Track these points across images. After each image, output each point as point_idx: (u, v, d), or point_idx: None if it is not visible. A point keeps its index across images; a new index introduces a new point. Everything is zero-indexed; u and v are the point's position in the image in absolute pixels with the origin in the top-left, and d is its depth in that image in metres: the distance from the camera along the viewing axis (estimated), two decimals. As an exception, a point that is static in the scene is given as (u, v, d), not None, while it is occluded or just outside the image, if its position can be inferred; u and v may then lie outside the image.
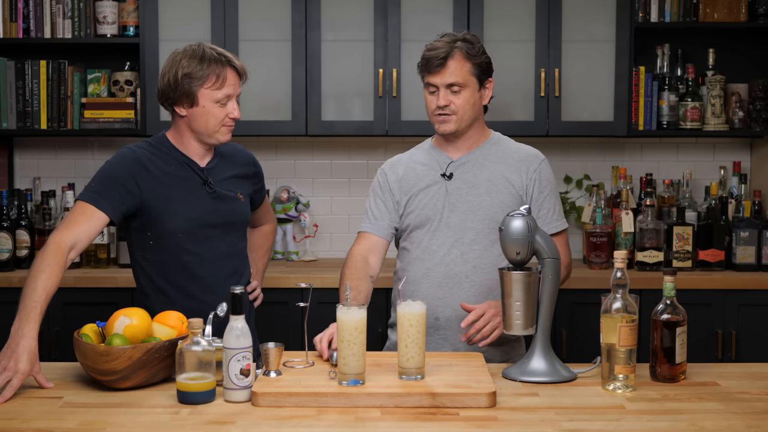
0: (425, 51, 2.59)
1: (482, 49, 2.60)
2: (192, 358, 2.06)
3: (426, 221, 2.62)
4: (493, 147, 2.66)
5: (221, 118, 2.50)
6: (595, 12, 3.84)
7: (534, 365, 2.28)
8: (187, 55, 2.48)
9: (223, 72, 2.48)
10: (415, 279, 2.61)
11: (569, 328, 3.65)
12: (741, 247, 3.81)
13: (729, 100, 3.98)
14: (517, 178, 2.62)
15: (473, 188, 2.61)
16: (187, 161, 2.55)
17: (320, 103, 3.84)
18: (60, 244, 2.33)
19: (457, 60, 2.55)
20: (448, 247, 2.60)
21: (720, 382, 2.26)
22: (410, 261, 2.64)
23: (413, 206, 2.64)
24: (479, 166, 2.63)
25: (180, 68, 2.47)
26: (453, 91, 2.56)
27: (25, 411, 2.02)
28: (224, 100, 2.49)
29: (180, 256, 2.54)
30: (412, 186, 2.65)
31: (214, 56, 2.48)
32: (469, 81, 2.56)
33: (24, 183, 4.15)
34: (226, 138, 2.56)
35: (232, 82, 2.50)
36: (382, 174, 2.72)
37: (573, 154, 4.18)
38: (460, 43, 2.56)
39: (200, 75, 2.46)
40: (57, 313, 3.55)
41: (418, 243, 2.63)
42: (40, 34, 3.87)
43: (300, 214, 4.10)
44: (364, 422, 1.96)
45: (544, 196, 2.63)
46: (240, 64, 2.53)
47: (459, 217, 2.60)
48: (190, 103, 2.49)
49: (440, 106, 2.57)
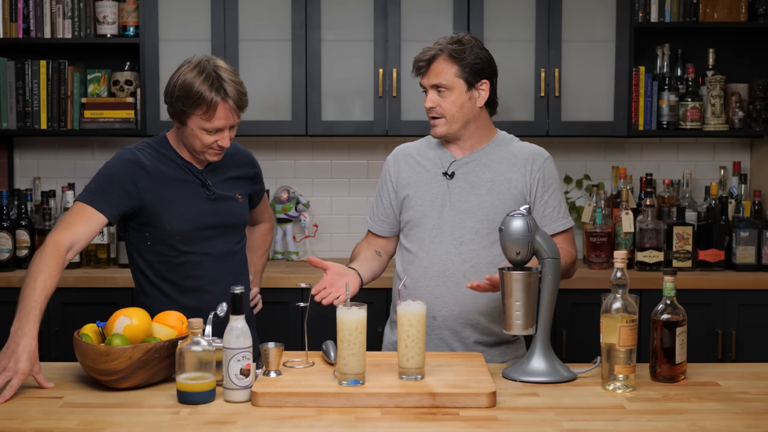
0: (418, 53, 2.61)
1: (475, 52, 2.55)
2: (192, 358, 2.06)
3: (425, 218, 2.62)
4: (497, 147, 2.65)
5: (208, 143, 2.47)
6: (595, 12, 3.84)
7: (534, 365, 2.28)
8: (189, 73, 2.42)
9: (214, 103, 2.39)
10: (413, 277, 2.61)
11: (569, 328, 3.65)
12: (741, 247, 3.81)
13: (729, 100, 3.98)
14: (519, 178, 2.61)
15: (474, 188, 2.60)
16: (185, 163, 2.55)
17: (320, 103, 3.84)
18: (58, 245, 2.33)
19: (440, 63, 2.54)
20: (446, 246, 2.59)
21: (720, 382, 2.26)
22: (409, 259, 2.65)
23: (412, 203, 2.64)
24: (482, 166, 2.62)
25: (177, 85, 2.43)
26: (439, 92, 2.56)
27: (25, 411, 2.02)
28: (213, 130, 2.44)
29: (178, 256, 2.53)
30: (412, 182, 2.65)
31: (212, 83, 2.39)
32: (455, 83, 2.54)
33: (24, 183, 4.15)
34: (215, 159, 2.52)
35: (223, 115, 2.42)
36: (386, 165, 2.74)
37: (573, 154, 4.18)
38: (448, 46, 2.55)
39: (190, 102, 2.41)
40: (57, 313, 3.55)
41: (417, 240, 2.63)
42: (40, 34, 3.87)
43: (300, 214, 4.10)
44: (364, 422, 1.96)
45: (548, 195, 2.62)
46: (237, 97, 2.42)
47: (459, 217, 2.59)
48: (181, 123, 2.48)
49: (426, 107, 2.59)
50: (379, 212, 2.72)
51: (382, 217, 2.72)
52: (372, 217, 2.75)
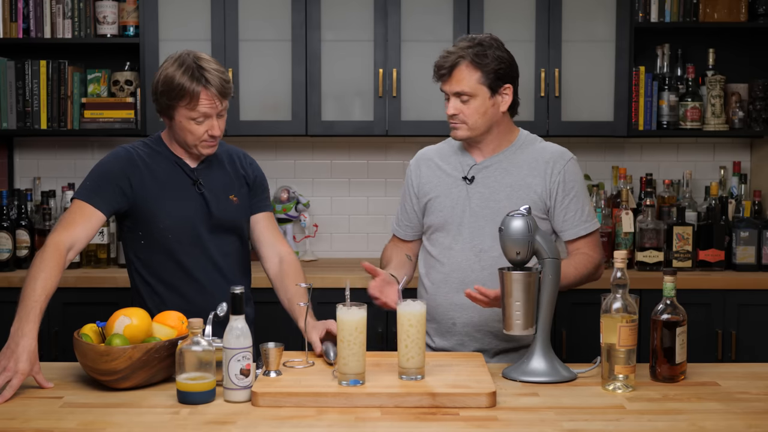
0: (438, 58, 2.55)
1: (497, 55, 2.50)
2: (192, 358, 2.06)
3: (446, 224, 2.60)
4: (518, 150, 2.60)
5: (199, 134, 2.47)
6: (595, 12, 3.84)
7: (534, 365, 2.28)
8: (170, 68, 2.44)
9: (196, 92, 2.41)
10: (435, 282, 2.61)
11: (569, 328, 3.65)
12: (741, 247, 3.80)
13: (729, 100, 3.97)
14: (540, 182, 2.56)
15: (494, 194, 2.57)
16: (177, 161, 2.55)
17: (320, 103, 3.84)
18: (58, 245, 2.34)
19: (462, 70, 2.50)
20: (466, 253, 2.58)
21: (720, 382, 2.26)
22: (431, 264, 2.65)
23: (434, 207, 2.63)
24: (502, 171, 2.58)
25: (160, 81, 2.45)
26: (462, 100, 2.51)
27: (25, 411, 2.02)
28: (201, 118, 2.45)
29: (171, 256, 2.54)
30: (433, 187, 2.64)
31: (192, 74, 2.41)
32: (478, 90, 2.50)
33: (24, 183, 4.15)
34: (209, 152, 2.53)
35: (207, 102, 2.43)
36: (409, 170, 2.74)
37: (573, 153, 4.17)
38: (470, 51, 2.49)
39: (174, 95, 2.42)
40: (57, 313, 3.55)
41: (439, 246, 2.62)
42: (40, 34, 3.87)
43: (300, 214, 4.10)
44: (364, 422, 1.96)
45: (569, 199, 2.57)
46: (219, 84, 2.43)
47: (478, 223, 2.57)
48: (168, 117, 2.49)
49: (449, 114, 2.55)
50: (403, 218, 2.74)
51: (406, 222, 2.73)
52: (397, 222, 2.76)
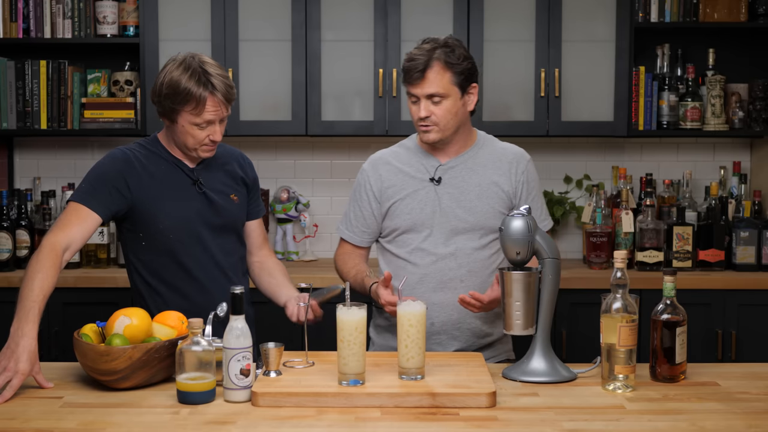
0: (405, 61, 2.54)
1: (464, 55, 2.52)
2: (192, 358, 2.06)
3: (414, 226, 2.59)
4: (480, 150, 2.64)
5: (200, 139, 2.47)
6: (595, 12, 3.84)
7: (534, 365, 2.28)
8: (175, 71, 2.43)
9: (202, 98, 2.41)
10: (409, 284, 2.58)
11: (569, 328, 3.65)
12: (741, 247, 3.80)
13: (729, 100, 3.97)
14: (506, 181, 2.61)
15: (463, 193, 2.59)
16: (176, 162, 2.55)
17: (320, 103, 3.84)
18: (54, 246, 2.33)
19: (435, 71, 2.49)
20: (441, 252, 2.58)
21: (720, 382, 2.26)
22: (400, 265, 2.62)
23: (399, 210, 2.60)
24: (468, 170, 2.60)
25: (164, 84, 2.44)
26: (434, 102, 2.51)
27: (25, 411, 2.02)
28: (204, 124, 2.45)
29: (172, 256, 2.53)
30: (397, 190, 2.61)
31: (198, 78, 2.40)
32: (450, 90, 2.51)
33: (24, 183, 4.15)
34: (208, 155, 2.53)
35: (213, 108, 2.43)
36: (363, 175, 2.67)
37: (573, 154, 4.17)
38: (439, 52, 2.49)
39: (179, 99, 2.42)
40: (57, 313, 3.55)
41: (407, 247, 2.61)
42: (40, 34, 3.87)
43: (300, 214, 4.10)
44: (364, 422, 1.96)
45: (531, 198, 2.64)
46: (225, 89, 2.44)
47: (451, 222, 2.58)
48: (171, 120, 2.48)
49: (421, 117, 2.53)
50: (358, 223, 2.68)
51: (363, 228, 2.67)
52: (350, 229, 2.69)
